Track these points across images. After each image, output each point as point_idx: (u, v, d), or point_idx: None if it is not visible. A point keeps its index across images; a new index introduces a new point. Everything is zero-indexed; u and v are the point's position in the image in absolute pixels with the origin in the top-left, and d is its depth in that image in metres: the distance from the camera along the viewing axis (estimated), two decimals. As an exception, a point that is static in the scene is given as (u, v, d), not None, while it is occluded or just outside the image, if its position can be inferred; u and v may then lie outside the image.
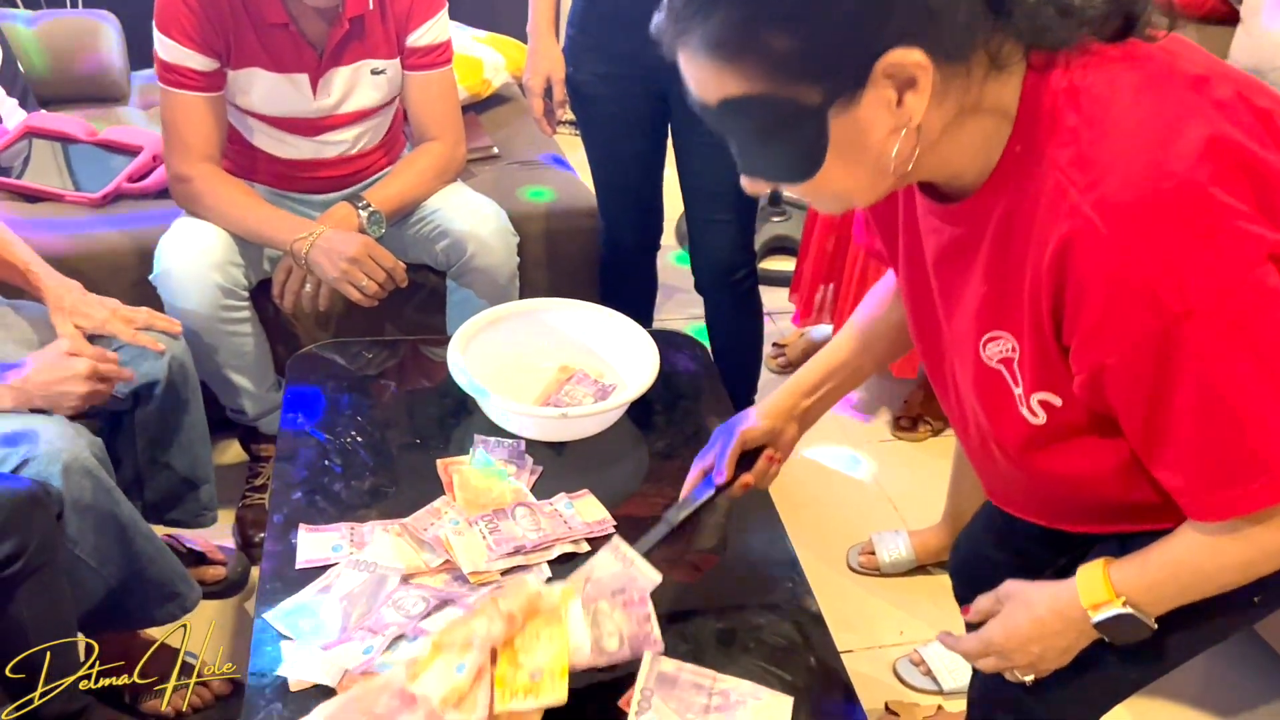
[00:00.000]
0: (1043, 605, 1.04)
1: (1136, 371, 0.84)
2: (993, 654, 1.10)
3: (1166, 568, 0.96)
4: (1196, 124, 0.80)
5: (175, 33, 1.81)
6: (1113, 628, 0.99)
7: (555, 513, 1.37)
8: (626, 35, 1.96)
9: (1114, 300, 0.81)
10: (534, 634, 1.09)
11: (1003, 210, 0.89)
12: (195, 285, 1.84)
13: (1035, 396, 0.95)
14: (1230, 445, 0.85)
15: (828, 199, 0.93)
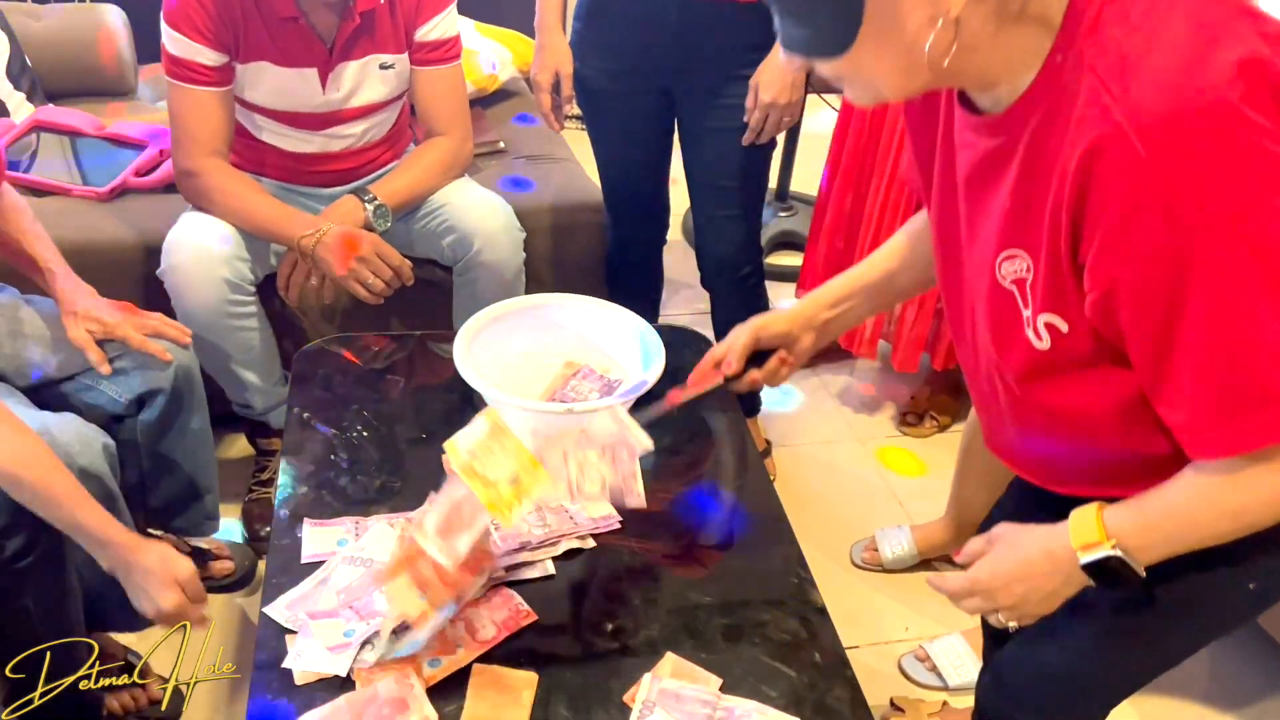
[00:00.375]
0: (1032, 545, 1.04)
1: (1149, 289, 0.84)
2: (978, 593, 1.08)
3: (1160, 512, 0.96)
4: (1236, 44, 0.80)
5: (185, 27, 1.81)
6: (1101, 571, 0.98)
7: (561, 509, 1.37)
8: (633, 30, 1.97)
9: (1133, 209, 0.81)
10: (487, 451, 1.10)
11: (1039, 119, 0.89)
12: (202, 280, 1.84)
13: (1042, 318, 0.95)
14: (1236, 375, 0.84)
15: (860, 85, 0.94)
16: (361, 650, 1.17)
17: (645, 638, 1.23)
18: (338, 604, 1.22)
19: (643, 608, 1.27)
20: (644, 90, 2.04)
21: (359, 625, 1.19)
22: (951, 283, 1.11)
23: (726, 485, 1.52)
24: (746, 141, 1.99)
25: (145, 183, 2.21)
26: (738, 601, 1.29)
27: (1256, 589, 1.07)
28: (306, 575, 1.27)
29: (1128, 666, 1.18)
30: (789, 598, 1.30)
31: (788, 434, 2.50)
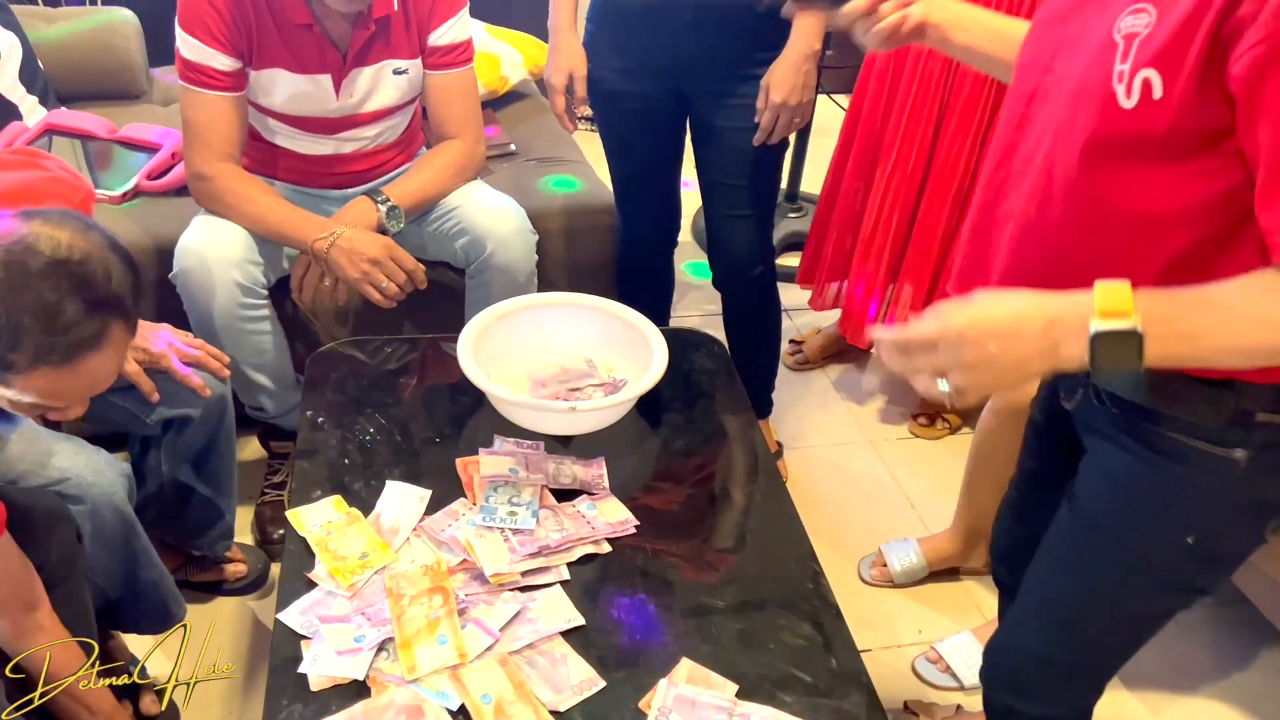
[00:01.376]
0: (1028, 302, 0.93)
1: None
2: (943, 345, 0.94)
3: (1196, 303, 0.89)
4: None
5: (199, 31, 1.81)
6: (1107, 348, 0.88)
7: (578, 514, 1.37)
8: (645, 31, 1.97)
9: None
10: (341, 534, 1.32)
11: None
12: (214, 283, 1.84)
13: (1142, 73, 0.90)
14: None
15: None
16: (376, 657, 1.17)
17: (660, 642, 1.23)
18: (351, 610, 1.23)
19: (658, 612, 1.27)
20: (656, 91, 2.04)
21: (370, 631, 1.19)
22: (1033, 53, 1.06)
23: (739, 488, 1.52)
24: (757, 142, 1.98)
25: (158, 186, 2.22)
26: (752, 605, 1.29)
27: (1196, 544, 1.07)
28: (321, 581, 1.27)
29: (1098, 636, 1.20)
30: (803, 601, 1.30)
31: (799, 435, 2.49)
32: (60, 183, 1.45)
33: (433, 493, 1.40)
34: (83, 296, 1.13)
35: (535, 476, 1.41)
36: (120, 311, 1.18)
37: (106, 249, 1.18)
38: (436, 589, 1.23)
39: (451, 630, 1.19)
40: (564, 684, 1.15)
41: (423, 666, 1.15)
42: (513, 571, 1.27)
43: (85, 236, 1.16)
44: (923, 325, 0.96)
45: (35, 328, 1.11)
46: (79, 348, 1.15)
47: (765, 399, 2.37)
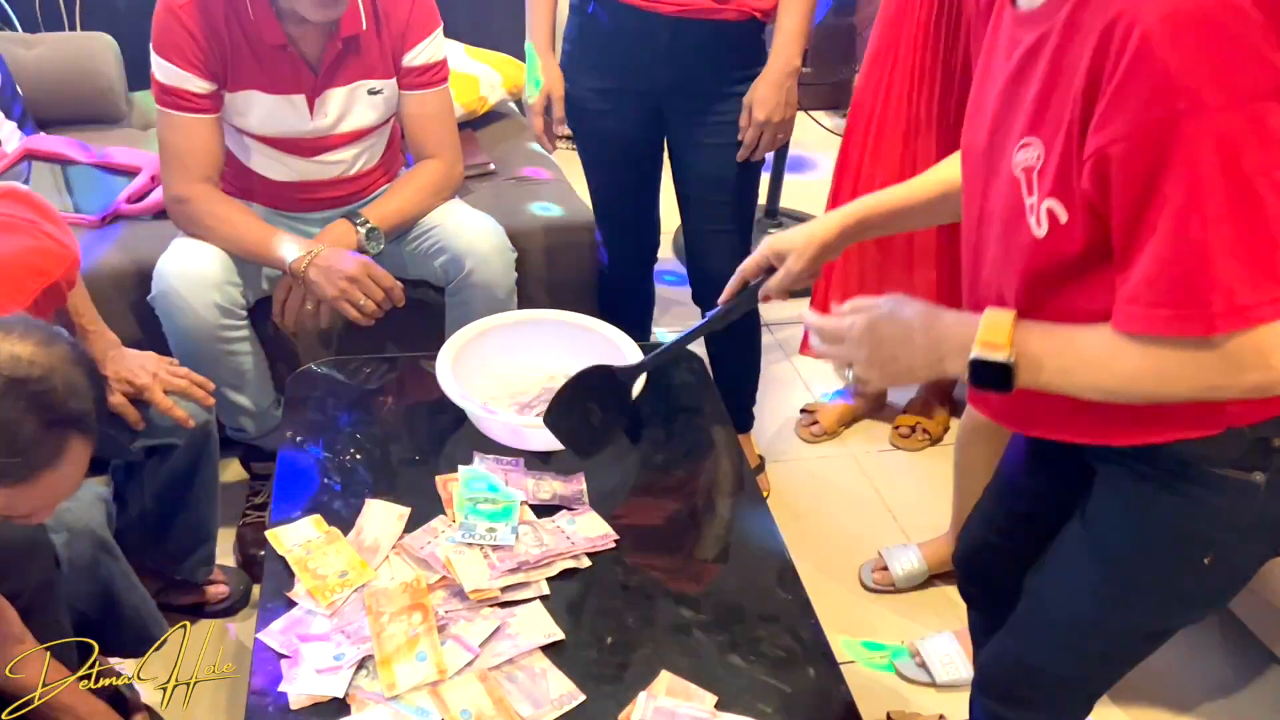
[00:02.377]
0: (921, 319, 1.05)
1: (1134, 162, 0.88)
2: (847, 340, 1.08)
3: (1066, 343, 0.98)
4: None
5: (173, 55, 1.82)
6: (981, 372, 0.99)
7: (557, 529, 1.37)
8: (623, 50, 1.98)
9: (1131, 83, 0.86)
10: (321, 552, 1.31)
11: (1072, 7, 0.93)
12: (193, 305, 1.84)
13: (1045, 204, 0.98)
14: (1180, 265, 0.88)
15: None
16: (356, 675, 1.17)
17: (640, 656, 1.23)
18: (330, 628, 1.23)
19: (637, 626, 1.27)
20: (635, 109, 2.05)
21: (350, 649, 1.19)
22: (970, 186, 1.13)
23: (719, 502, 1.53)
24: (741, 158, 2.00)
25: (137, 209, 2.22)
26: (732, 619, 1.29)
27: (1212, 565, 1.09)
28: (300, 600, 1.27)
29: (1100, 652, 1.20)
30: (783, 614, 1.31)
31: (781, 449, 2.50)
32: (44, 254, 1.44)
33: (412, 510, 1.40)
34: (41, 416, 1.12)
35: (514, 492, 1.41)
36: (80, 427, 1.17)
37: (70, 362, 1.16)
38: (416, 606, 1.24)
39: (431, 647, 1.19)
40: (544, 699, 1.15)
41: (402, 683, 1.15)
42: (492, 588, 1.27)
43: (48, 350, 1.14)
44: (835, 320, 1.10)
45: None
46: (36, 467, 1.14)
47: (746, 413, 2.37)
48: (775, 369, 2.76)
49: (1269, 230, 0.86)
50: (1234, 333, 0.87)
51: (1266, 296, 0.86)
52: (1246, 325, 0.87)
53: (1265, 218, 0.85)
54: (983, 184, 1.09)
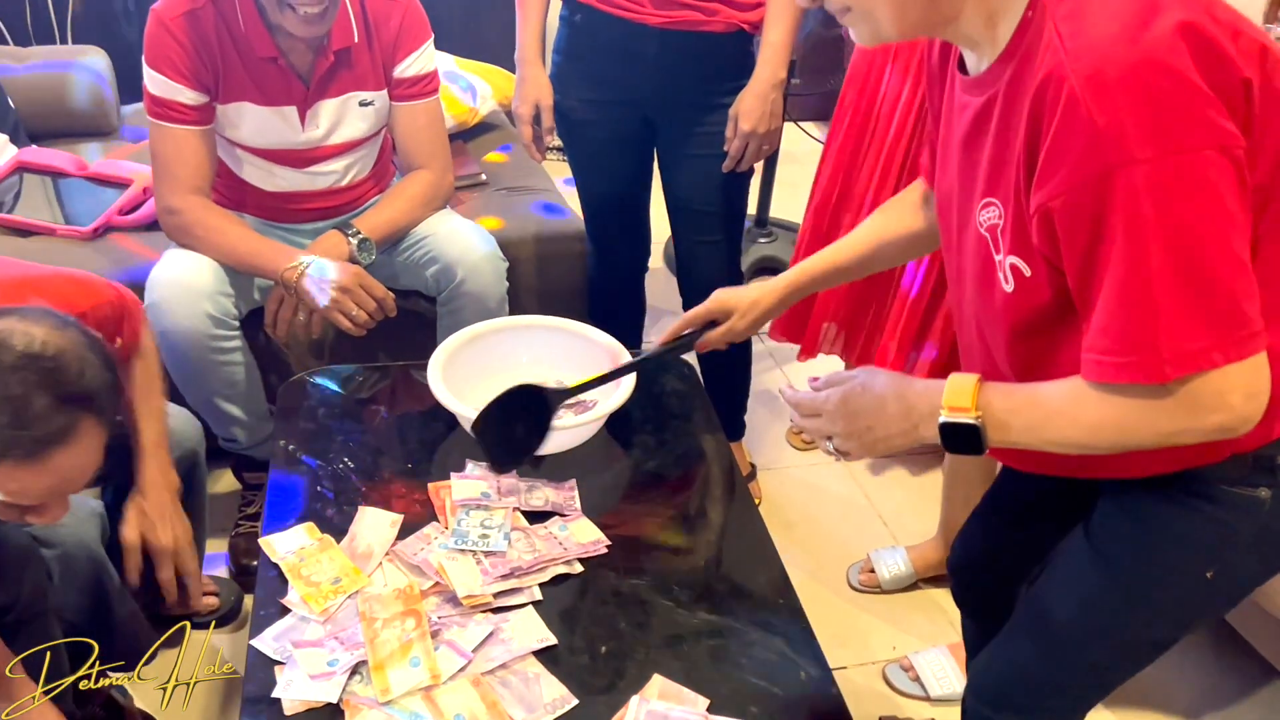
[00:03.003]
0: (891, 389, 1.08)
1: (1076, 217, 0.90)
2: (823, 414, 1.13)
3: (1029, 400, 1.00)
4: (1182, 10, 0.87)
5: (165, 67, 1.83)
6: (952, 435, 1.02)
7: (550, 535, 1.38)
8: (612, 61, 2.00)
9: (1065, 141, 0.88)
10: (315, 560, 1.32)
11: (1013, 72, 0.96)
12: (185, 315, 1.85)
13: (1009, 260, 1.00)
14: (1126, 314, 0.90)
15: (861, 16, 1.00)
16: (350, 680, 1.17)
17: (633, 660, 1.23)
18: (324, 634, 1.23)
19: (629, 631, 1.28)
20: (624, 120, 2.07)
21: (343, 655, 1.20)
22: (947, 242, 1.16)
23: (712, 509, 1.53)
24: (726, 169, 2.01)
25: (129, 221, 2.23)
26: (724, 624, 1.30)
27: (1214, 579, 1.10)
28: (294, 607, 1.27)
29: (1097, 662, 1.21)
30: (775, 619, 1.31)
31: (772, 457, 2.51)
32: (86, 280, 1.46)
33: (404, 517, 1.40)
34: (52, 391, 1.12)
35: (506, 499, 1.42)
36: (92, 407, 1.16)
37: (84, 347, 1.16)
38: (409, 611, 1.24)
39: (424, 652, 1.19)
40: (537, 703, 1.16)
41: (396, 689, 1.16)
42: (485, 593, 1.28)
43: (62, 333, 1.15)
44: (811, 396, 1.15)
45: (2, 422, 1.09)
46: (46, 443, 1.13)
47: (737, 421, 2.38)
48: (766, 377, 2.78)
49: (1215, 276, 0.87)
50: (1188, 377, 0.89)
51: (1215, 341, 0.88)
52: (1196, 369, 0.88)
53: (1209, 264, 0.87)
54: (957, 235, 1.12)
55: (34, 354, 1.12)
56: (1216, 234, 0.86)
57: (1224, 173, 0.86)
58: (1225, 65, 0.87)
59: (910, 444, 1.08)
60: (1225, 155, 0.85)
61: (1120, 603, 1.15)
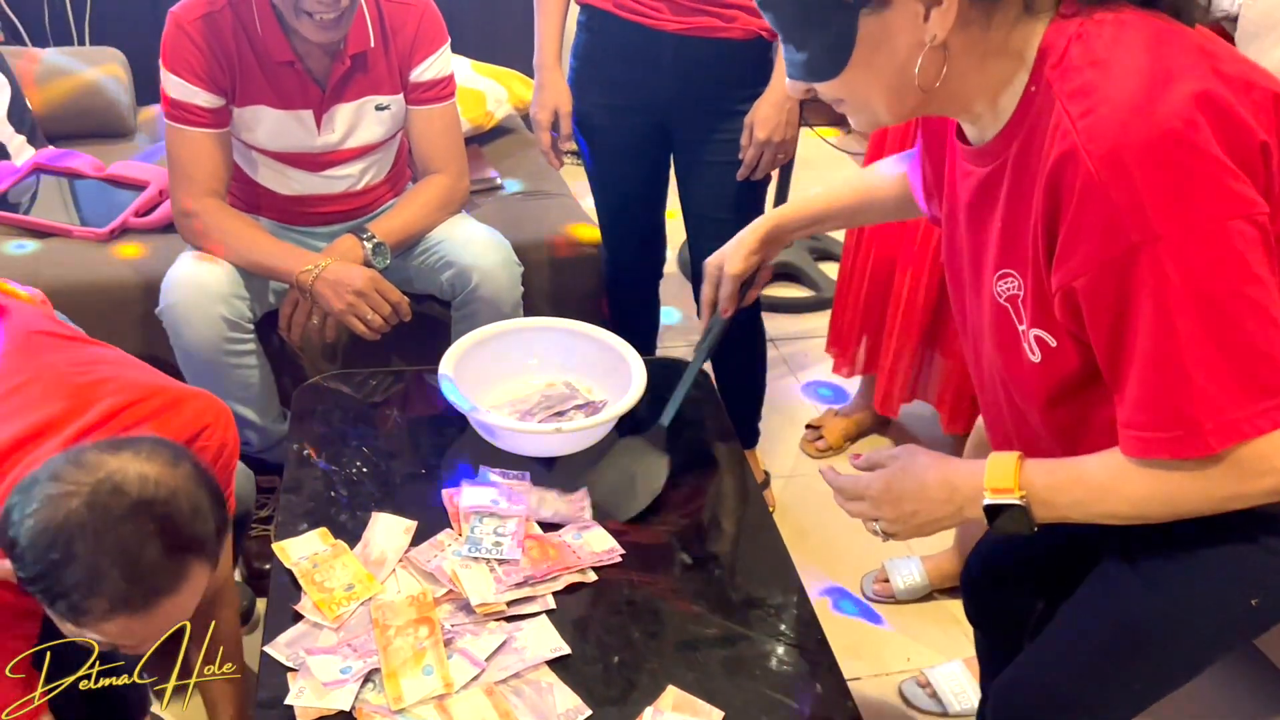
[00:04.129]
0: (934, 472, 1.07)
1: (1100, 296, 0.89)
2: (867, 499, 1.13)
3: (1072, 477, 1.00)
4: (1192, 78, 0.85)
5: (182, 70, 1.83)
6: (998, 516, 1.01)
7: (563, 543, 1.37)
8: (629, 67, 1.99)
9: (1083, 222, 0.86)
10: (328, 566, 1.31)
11: (1020, 145, 0.95)
12: (200, 318, 1.85)
13: (1034, 332, 0.99)
14: (1164, 390, 0.88)
15: (857, 106, 1.00)
16: (362, 688, 1.17)
17: (646, 670, 1.23)
18: (336, 641, 1.23)
19: (643, 640, 1.27)
20: (641, 125, 2.06)
21: (356, 663, 1.19)
22: (959, 305, 1.16)
23: (726, 517, 1.53)
24: (741, 177, 2.01)
25: (145, 223, 2.23)
26: (738, 634, 1.29)
27: (1259, 606, 1.08)
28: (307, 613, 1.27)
29: (1129, 686, 1.18)
30: (789, 629, 1.30)
31: (786, 465, 2.50)
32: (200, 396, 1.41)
33: (418, 524, 1.40)
34: (164, 540, 1.09)
35: (516, 507, 1.41)
36: (202, 552, 1.13)
37: (195, 483, 1.13)
38: (423, 619, 1.23)
39: (438, 660, 1.19)
40: (550, 713, 1.15)
41: (409, 697, 1.15)
42: (498, 602, 1.27)
43: (174, 470, 1.12)
44: (854, 480, 1.15)
45: (114, 574, 1.07)
46: (157, 593, 1.10)
47: (752, 429, 2.37)
48: (780, 385, 2.76)
49: (1250, 342, 0.86)
50: (1233, 446, 0.88)
51: (1257, 408, 0.86)
52: (1241, 439, 0.87)
53: (1242, 331, 0.85)
54: (970, 295, 1.11)
55: (148, 499, 1.09)
56: (1247, 301, 0.85)
57: (1249, 240, 0.84)
58: (1243, 133, 0.85)
59: (957, 524, 1.08)
60: (1250, 223, 0.84)
61: (1162, 628, 1.12)
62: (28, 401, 1.26)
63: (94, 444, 1.13)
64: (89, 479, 1.08)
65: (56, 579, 1.07)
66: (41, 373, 1.30)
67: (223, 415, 1.40)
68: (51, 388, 1.28)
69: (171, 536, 1.10)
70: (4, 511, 1.10)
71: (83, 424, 1.24)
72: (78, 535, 1.06)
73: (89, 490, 1.07)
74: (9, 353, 1.32)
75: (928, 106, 0.99)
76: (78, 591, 1.07)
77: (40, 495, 1.07)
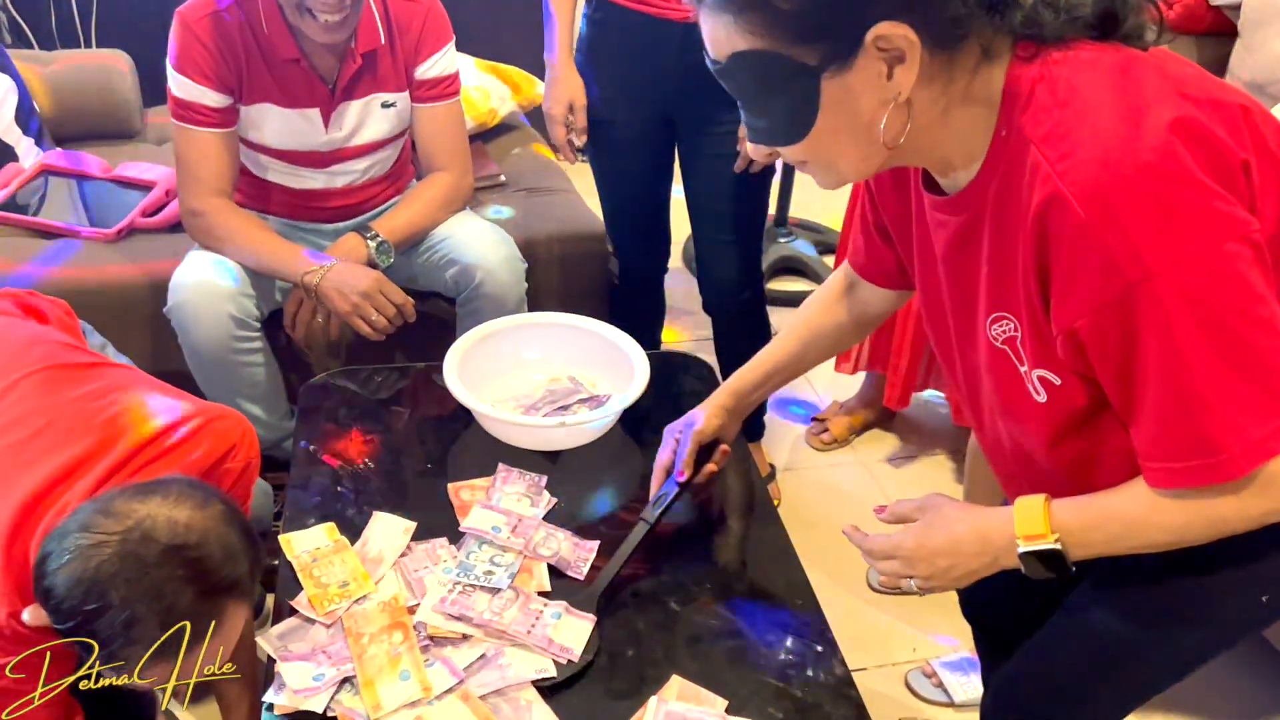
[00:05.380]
0: (964, 524, 1.06)
1: (1103, 337, 0.88)
2: (899, 559, 1.12)
3: (1104, 513, 0.98)
4: (1165, 107, 0.84)
5: (190, 70, 1.84)
6: (1034, 562, 1.00)
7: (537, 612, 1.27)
8: (633, 61, 2.00)
9: (1077, 265, 0.86)
10: (327, 561, 1.32)
11: (995, 192, 0.94)
12: (208, 317, 1.86)
13: (1036, 373, 0.98)
14: (1183, 419, 0.88)
15: (822, 167, 0.99)
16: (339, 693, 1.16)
17: (651, 660, 1.23)
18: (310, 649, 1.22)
19: (647, 631, 1.28)
20: (646, 118, 2.07)
21: (329, 670, 1.18)
22: (945, 351, 1.14)
23: (731, 510, 1.53)
24: (738, 169, 2.01)
25: (152, 223, 2.24)
26: (743, 626, 1.30)
27: (1269, 603, 1.08)
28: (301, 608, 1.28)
29: (1135, 679, 1.18)
30: (794, 620, 1.31)
31: (791, 458, 2.51)
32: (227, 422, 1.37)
33: (419, 524, 1.40)
34: (198, 585, 1.09)
35: (516, 541, 1.36)
36: (237, 591, 1.13)
37: (226, 524, 1.13)
38: (396, 625, 1.23)
39: (414, 665, 1.18)
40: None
41: (386, 704, 1.14)
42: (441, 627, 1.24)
43: (204, 512, 1.12)
44: (884, 540, 1.14)
45: (150, 621, 1.07)
46: (195, 637, 1.09)
47: (757, 422, 2.38)
48: (786, 378, 2.76)
49: (1263, 361, 0.85)
50: (1261, 466, 0.87)
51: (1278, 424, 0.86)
52: (1268, 456, 0.86)
53: (1254, 349, 0.85)
54: (959, 346, 1.10)
55: (179, 544, 1.08)
56: (1254, 320, 0.84)
57: (1246, 260, 0.84)
58: (1223, 154, 0.84)
59: (993, 572, 1.06)
60: (1244, 243, 0.83)
61: (1169, 623, 1.12)
62: (54, 443, 1.25)
63: (122, 490, 1.13)
64: (119, 528, 1.08)
65: (93, 630, 1.07)
66: (63, 410, 1.28)
67: (248, 433, 1.39)
68: (76, 425, 1.26)
69: (204, 581, 1.09)
70: (38, 562, 1.10)
71: (113, 459, 1.23)
72: (110, 585, 1.06)
73: (119, 540, 1.07)
74: (28, 395, 1.30)
75: (894, 161, 0.98)
76: (115, 641, 1.07)
77: (71, 546, 1.07)
